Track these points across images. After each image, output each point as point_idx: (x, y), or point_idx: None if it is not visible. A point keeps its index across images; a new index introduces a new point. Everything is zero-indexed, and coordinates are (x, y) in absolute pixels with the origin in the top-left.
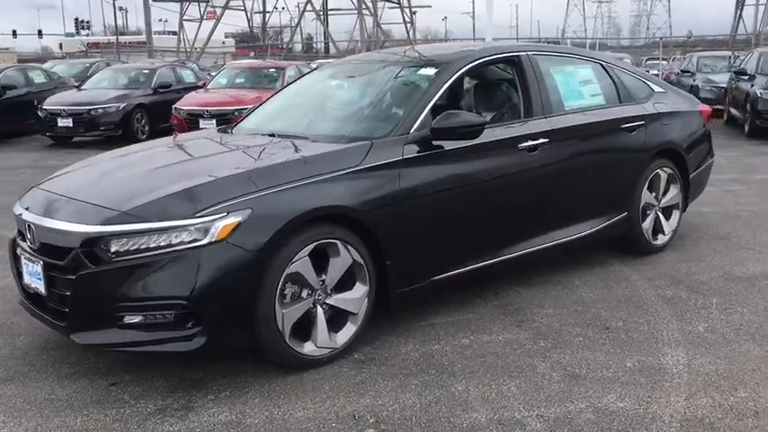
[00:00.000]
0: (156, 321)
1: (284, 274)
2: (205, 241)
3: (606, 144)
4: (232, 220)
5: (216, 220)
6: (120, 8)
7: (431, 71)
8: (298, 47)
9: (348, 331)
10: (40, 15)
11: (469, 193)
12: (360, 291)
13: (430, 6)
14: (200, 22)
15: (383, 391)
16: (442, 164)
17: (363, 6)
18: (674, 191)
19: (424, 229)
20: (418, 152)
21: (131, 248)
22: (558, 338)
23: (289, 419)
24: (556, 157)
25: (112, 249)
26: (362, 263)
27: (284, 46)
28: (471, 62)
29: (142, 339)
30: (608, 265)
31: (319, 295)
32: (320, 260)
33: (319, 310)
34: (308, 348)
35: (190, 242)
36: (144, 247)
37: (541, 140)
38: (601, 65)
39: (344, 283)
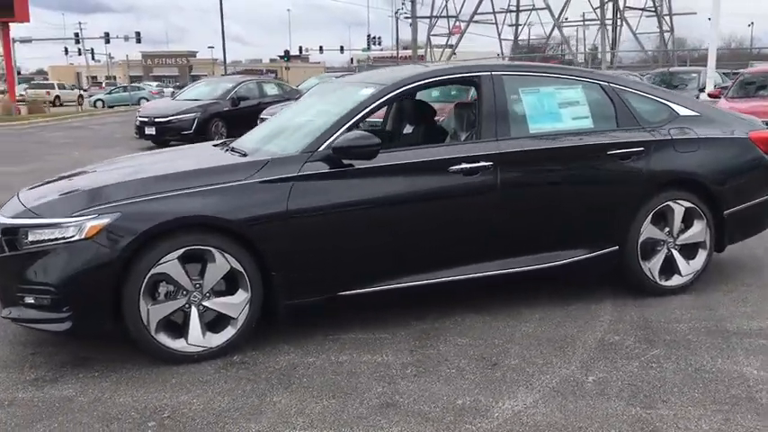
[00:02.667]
0: (42, 303)
1: (150, 274)
2: (76, 238)
3: (584, 171)
4: (100, 221)
5: (87, 220)
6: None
7: (368, 92)
8: (581, 57)
9: (226, 334)
10: (350, 32)
11: (381, 213)
12: (240, 297)
13: (694, 13)
14: (448, 36)
15: (209, 392)
16: (346, 182)
17: (618, 16)
18: (698, 227)
19: (318, 245)
20: (319, 170)
21: (33, 239)
22: (430, 369)
23: (107, 403)
24: (506, 183)
25: (24, 239)
26: (242, 271)
27: (563, 57)
28: (406, 85)
29: (34, 317)
30: (596, 302)
31: (195, 297)
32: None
33: (194, 310)
34: (179, 344)
35: (65, 238)
36: (39, 239)
37: (483, 164)
38: (600, 85)
39: (227, 288)
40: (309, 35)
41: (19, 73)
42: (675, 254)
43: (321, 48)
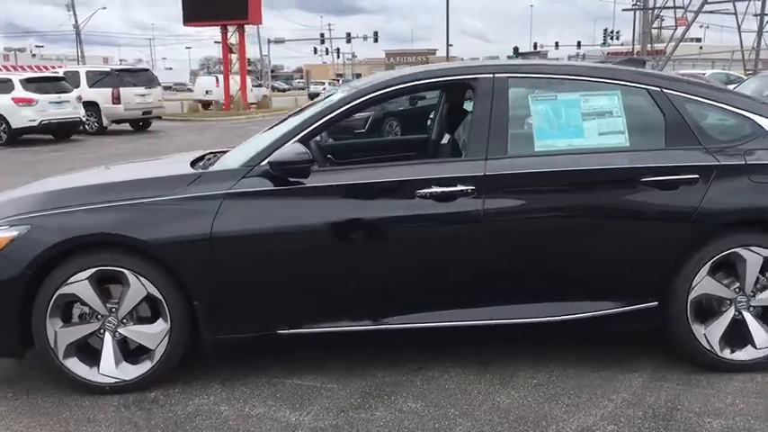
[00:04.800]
0: None
1: (58, 293)
2: None
3: (604, 202)
4: (8, 233)
5: None
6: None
7: (332, 99)
8: None
9: (142, 367)
10: (594, 27)
11: (329, 243)
12: (158, 327)
13: None
14: (674, 29)
15: (83, 429)
16: (288, 203)
17: None
18: None
19: (250, 274)
20: (254, 187)
21: None
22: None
23: None
24: (493, 213)
25: None
26: (161, 298)
27: None
28: (376, 91)
29: None
30: (624, 371)
31: (109, 322)
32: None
33: (108, 336)
34: (90, 373)
35: None
36: None
37: (461, 188)
38: (647, 90)
39: (147, 316)
40: (552, 31)
41: (273, 71)
42: (749, 317)
43: (557, 44)
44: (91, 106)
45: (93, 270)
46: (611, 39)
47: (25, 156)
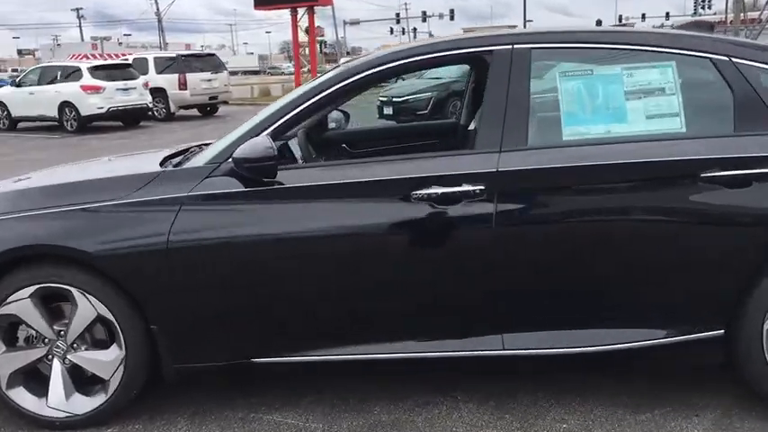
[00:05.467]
0: None
1: None
2: None
3: (654, 203)
4: None
5: None
6: None
7: (316, 81)
8: None
9: (96, 399)
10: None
11: (308, 256)
12: (112, 354)
13: None
14: None
15: None
16: (259, 208)
17: None
18: None
19: (216, 293)
20: (219, 189)
21: None
22: None
23: None
24: (507, 218)
25: None
26: (113, 320)
27: None
28: (367, 70)
29: None
30: (685, 413)
31: (58, 347)
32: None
33: (56, 364)
34: (38, 406)
35: None
36: None
37: (467, 187)
38: (712, 61)
39: (104, 339)
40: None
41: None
42: None
43: (643, 15)
44: (159, 93)
45: (35, 287)
46: (702, 8)
47: (93, 143)
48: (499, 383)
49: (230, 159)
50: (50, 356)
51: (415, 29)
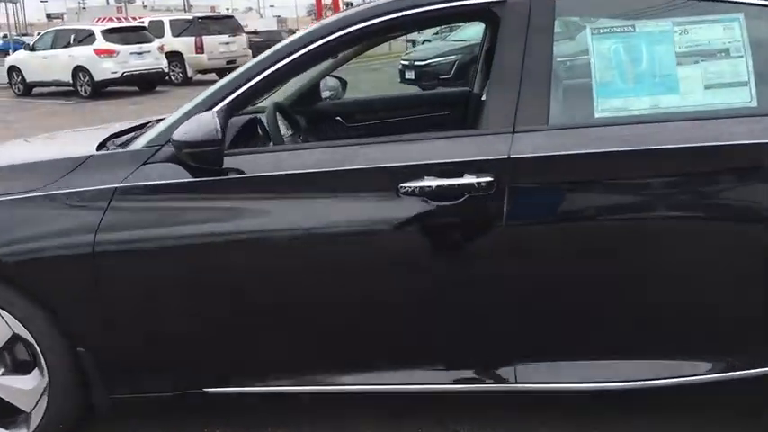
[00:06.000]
0: None
1: None
2: None
3: (712, 200)
4: None
5: None
6: None
7: (278, 45)
8: None
9: None
10: None
11: (269, 263)
12: (33, 382)
13: None
14: None
15: None
16: (208, 204)
17: None
18: None
19: (157, 308)
20: (159, 179)
21: None
22: None
23: None
24: (527, 216)
25: None
26: (33, 342)
27: None
28: (342, 29)
29: None
30: None
31: None
32: None
33: None
34: None
35: None
36: None
37: (470, 179)
38: None
39: (25, 364)
40: None
41: None
42: None
43: None
44: (175, 56)
45: None
46: None
47: (107, 109)
48: (510, 416)
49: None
50: None
51: None
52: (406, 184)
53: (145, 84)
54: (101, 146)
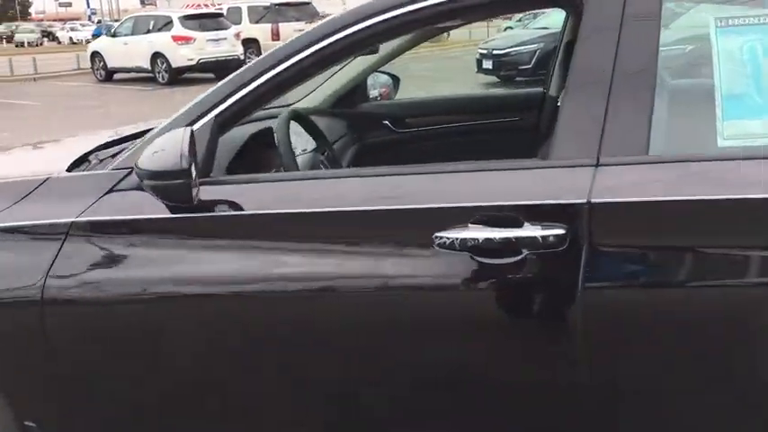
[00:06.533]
0: None
1: None
2: None
3: None
4: None
5: None
6: None
7: (280, 45)
8: None
9: None
10: None
11: (268, 321)
12: None
13: None
14: None
15: None
16: (188, 248)
17: None
18: None
19: (126, 368)
20: (122, 214)
21: None
22: None
23: None
24: (613, 283)
25: None
26: None
27: None
28: (357, 22)
29: None
30: None
31: None
32: None
33: None
34: None
35: None
36: None
37: (532, 231)
38: None
39: None
40: None
41: None
42: None
43: None
44: (252, 43)
45: None
46: None
47: (183, 96)
48: None
49: None
50: None
51: None
52: (442, 234)
53: (221, 71)
54: (80, 161)
